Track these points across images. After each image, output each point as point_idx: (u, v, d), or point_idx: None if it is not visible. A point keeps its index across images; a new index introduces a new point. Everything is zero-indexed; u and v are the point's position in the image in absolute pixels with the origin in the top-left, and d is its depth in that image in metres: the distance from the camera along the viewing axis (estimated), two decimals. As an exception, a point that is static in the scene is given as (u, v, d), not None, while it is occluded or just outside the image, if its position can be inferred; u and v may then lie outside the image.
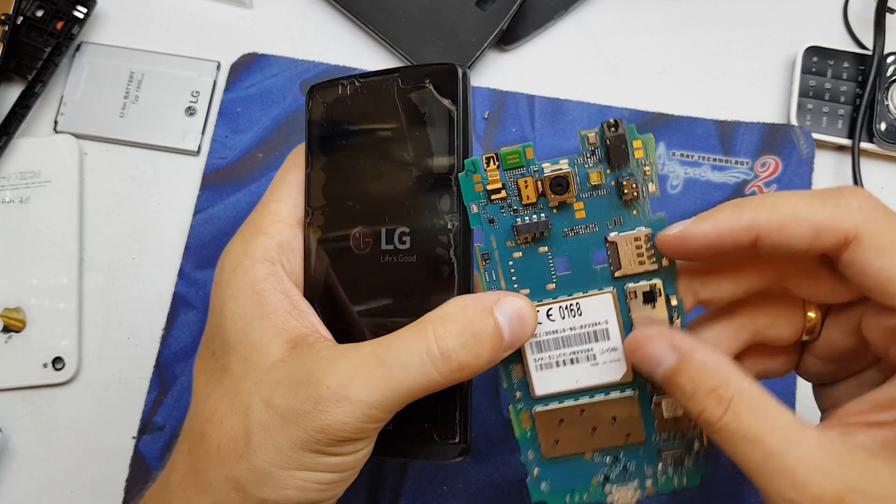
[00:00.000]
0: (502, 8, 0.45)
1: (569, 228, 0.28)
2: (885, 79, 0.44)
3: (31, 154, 0.45)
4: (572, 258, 0.28)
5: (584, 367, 0.28)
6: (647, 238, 0.27)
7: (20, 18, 0.45)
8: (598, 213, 0.27)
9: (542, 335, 0.28)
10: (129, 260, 0.44)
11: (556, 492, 0.30)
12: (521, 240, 0.28)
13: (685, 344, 0.25)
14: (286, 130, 0.45)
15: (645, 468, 0.29)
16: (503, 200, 0.28)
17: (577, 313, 0.28)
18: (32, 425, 0.42)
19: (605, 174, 0.27)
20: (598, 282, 0.28)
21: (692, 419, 0.26)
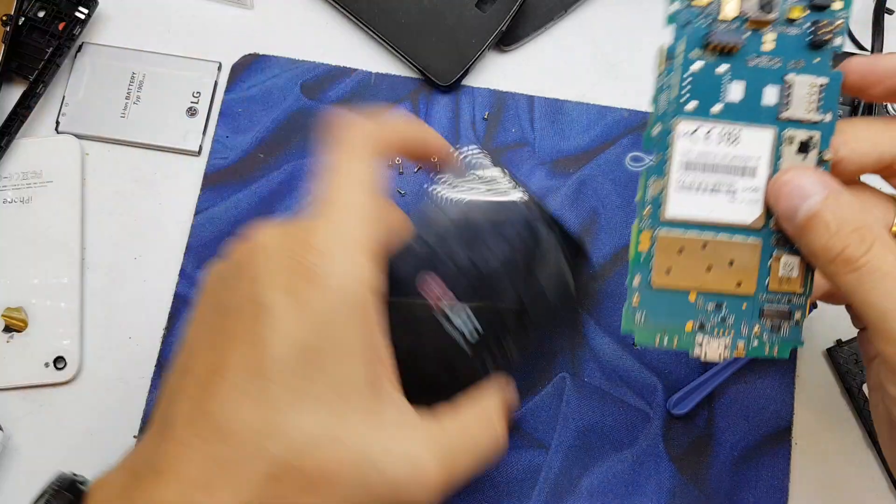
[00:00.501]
0: (502, 9, 0.45)
1: (754, 56, 0.28)
2: (884, 79, 0.44)
3: (33, 154, 0.45)
4: (748, 86, 0.28)
5: (721, 199, 0.28)
6: (822, 88, 0.28)
7: (22, 19, 0.45)
8: (785, 49, 0.28)
9: (694, 154, 0.28)
10: (130, 260, 0.44)
11: (649, 327, 0.29)
12: (709, 52, 0.28)
13: (834, 184, 0.26)
14: (287, 131, 0.45)
15: (742, 325, 0.29)
16: (703, 8, 0.28)
17: (734, 142, 0.28)
18: (33, 425, 0.42)
19: (805, 12, 0.28)
20: (763, 118, 0.28)
21: (827, 261, 0.26)
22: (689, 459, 0.39)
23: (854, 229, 0.25)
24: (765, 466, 0.39)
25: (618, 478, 0.39)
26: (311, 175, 0.45)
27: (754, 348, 0.29)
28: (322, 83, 0.46)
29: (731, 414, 0.40)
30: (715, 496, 0.39)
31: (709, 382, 0.40)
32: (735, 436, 0.40)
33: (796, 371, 0.41)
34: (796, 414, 0.40)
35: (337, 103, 0.46)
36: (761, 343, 0.29)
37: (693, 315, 0.29)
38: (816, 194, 0.26)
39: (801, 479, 0.40)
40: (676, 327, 0.29)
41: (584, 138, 0.45)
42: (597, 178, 0.44)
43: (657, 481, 0.39)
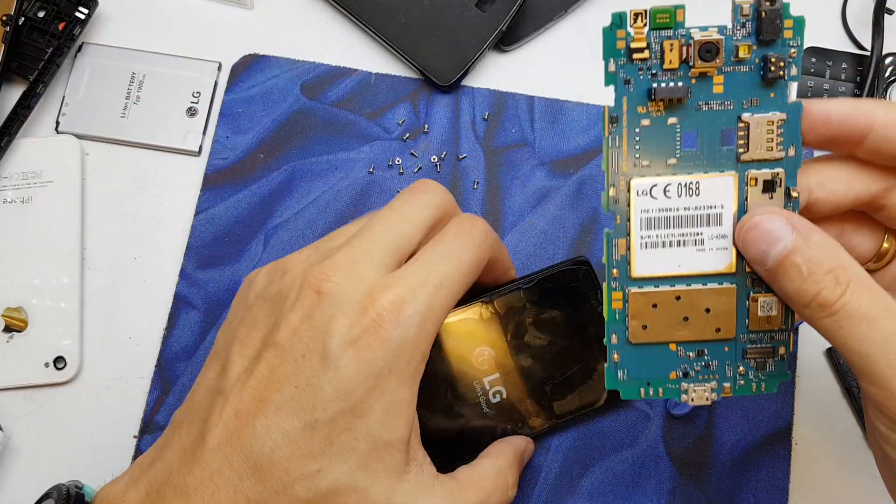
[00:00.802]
0: (502, 9, 0.45)
1: (704, 102, 0.27)
2: (884, 79, 0.44)
3: (33, 154, 0.45)
4: (701, 134, 0.27)
5: (689, 251, 0.27)
6: (781, 123, 0.26)
7: (22, 19, 0.45)
8: (736, 89, 0.26)
9: (654, 211, 0.27)
10: (130, 260, 0.44)
11: (632, 382, 0.29)
12: (655, 106, 0.27)
13: (803, 224, 0.25)
14: (287, 131, 0.45)
15: (727, 368, 0.28)
16: (644, 62, 0.26)
17: (694, 193, 0.27)
18: (34, 425, 0.42)
19: (752, 49, 0.26)
20: (722, 163, 0.27)
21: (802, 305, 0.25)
22: (690, 460, 0.39)
23: (828, 271, 0.24)
24: (765, 467, 0.39)
25: (618, 478, 0.39)
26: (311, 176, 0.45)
27: (741, 387, 0.29)
28: (322, 83, 0.46)
29: (730, 414, 0.40)
30: (715, 496, 0.39)
31: (709, 383, 0.40)
32: (735, 436, 0.40)
33: (796, 371, 0.41)
34: (796, 414, 0.40)
35: (337, 103, 0.46)
36: (748, 381, 0.29)
37: (675, 365, 0.29)
38: (785, 238, 0.25)
39: (801, 480, 0.40)
40: (660, 378, 0.29)
41: (584, 138, 0.45)
42: (597, 178, 0.44)
43: (657, 481, 0.39)
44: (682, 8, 0.26)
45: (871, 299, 0.24)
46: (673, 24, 0.26)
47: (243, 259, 0.43)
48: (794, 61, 0.26)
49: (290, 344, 0.28)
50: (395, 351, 0.27)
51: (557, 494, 0.39)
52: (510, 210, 0.44)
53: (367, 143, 0.45)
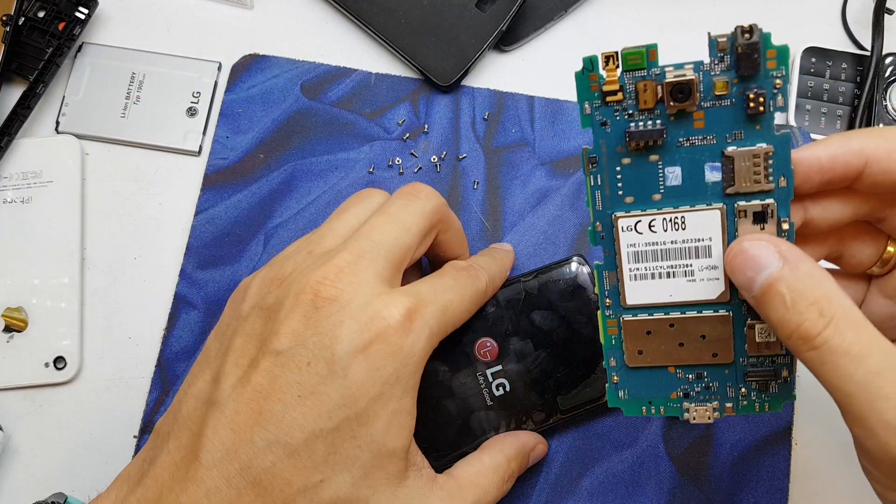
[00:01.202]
0: (502, 9, 0.45)
1: (684, 138, 0.26)
2: (884, 79, 0.44)
3: (33, 154, 0.45)
4: (684, 169, 0.26)
5: (679, 281, 0.27)
6: (768, 155, 0.25)
7: (22, 19, 0.45)
8: (718, 124, 0.26)
9: (641, 245, 0.27)
10: (130, 260, 0.44)
11: (633, 401, 0.29)
12: (633, 146, 0.26)
13: (792, 252, 0.25)
14: (287, 131, 0.45)
15: (728, 389, 0.28)
16: (619, 103, 0.26)
17: (680, 227, 0.27)
18: (33, 425, 0.42)
19: (731, 84, 0.25)
20: (708, 197, 0.26)
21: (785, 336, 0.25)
22: (690, 459, 0.39)
23: (812, 302, 0.23)
24: (765, 467, 0.39)
25: (618, 478, 0.39)
26: (311, 176, 0.45)
27: (744, 407, 0.29)
28: (322, 83, 0.46)
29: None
30: (715, 496, 0.39)
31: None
32: (735, 436, 0.40)
33: (797, 371, 0.41)
34: (796, 414, 0.40)
35: (337, 103, 0.46)
36: (751, 402, 0.28)
37: (675, 386, 0.29)
38: (771, 265, 0.24)
39: (801, 480, 0.40)
40: (661, 398, 0.29)
41: (584, 138, 0.45)
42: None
43: (657, 481, 0.39)
44: (654, 48, 0.26)
45: (856, 335, 0.23)
46: (645, 65, 0.26)
47: (243, 259, 0.43)
48: (780, 91, 0.25)
49: (293, 351, 0.27)
50: (404, 360, 0.27)
51: (557, 494, 0.39)
52: (510, 210, 0.44)
53: (367, 143, 0.45)
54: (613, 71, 0.26)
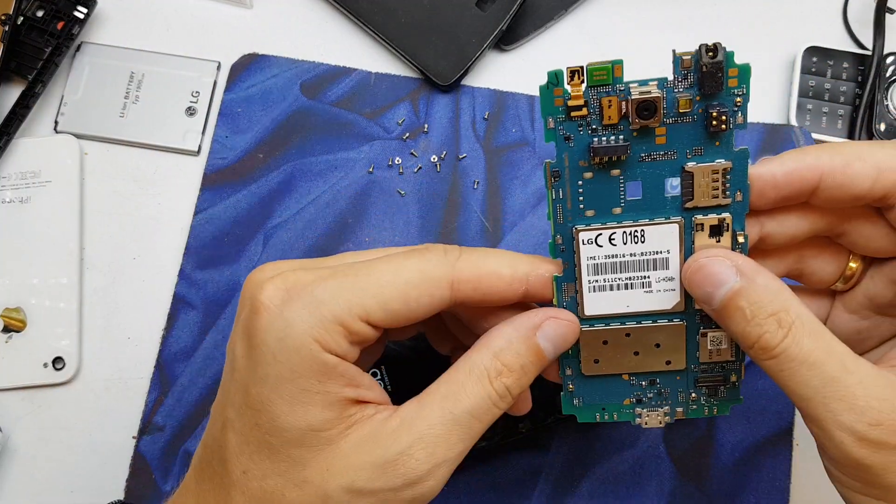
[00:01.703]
0: (502, 8, 0.45)
1: (646, 154, 0.26)
2: (885, 79, 0.44)
3: (32, 154, 0.45)
4: (644, 183, 0.27)
5: (637, 293, 0.28)
6: (726, 171, 0.26)
7: (20, 18, 0.45)
8: (679, 140, 0.26)
9: (600, 258, 0.28)
10: (129, 260, 0.44)
11: (587, 408, 0.30)
12: (596, 161, 0.26)
13: (748, 266, 0.25)
14: (286, 131, 0.45)
15: (679, 394, 0.29)
16: (583, 119, 0.26)
17: (639, 240, 0.27)
18: (32, 425, 0.41)
19: (694, 101, 0.26)
20: (667, 210, 0.27)
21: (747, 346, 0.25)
22: (690, 460, 0.39)
23: (770, 314, 0.24)
24: (766, 467, 0.39)
25: (619, 479, 0.39)
26: (311, 175, 0.44)
27: (693, 410, 0.30)
28: (322, 83, 0.46)
29: (731, 415, 0.40)
30: (716, 497, 0.39)
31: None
32: (736, 437, 0.40)
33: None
34: (797, 414, 0.40)
35: (337, 103, 0.46)
36: (700, 406, 0.29)
37: (628, 393, 0.30)
38: (729, 280, 0.25)
39: (802, 480, 0.40)
40: (615, 405, 0.30)
41: (584, 138, 0.45)
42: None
43: (658, 482, 0.39)
44: (619, 64, 0.26)
45: (813, 342, 0.24)
46: (610, 81, 0.26)
47: (242, 259, 0.43)
48: (740, 109, 0.26)
49: (226, 360, 0.28)
50: (278, 337, 0.26)
51: (558, 495, 0.39)
52: (510, 210, 0.44)
53: (367, 143, 0.45)
54: (578, 86, 0.26)
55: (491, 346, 0.27)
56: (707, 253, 0.26)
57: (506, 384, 0.27)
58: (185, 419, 0.41)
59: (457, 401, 0.26)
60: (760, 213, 0.27)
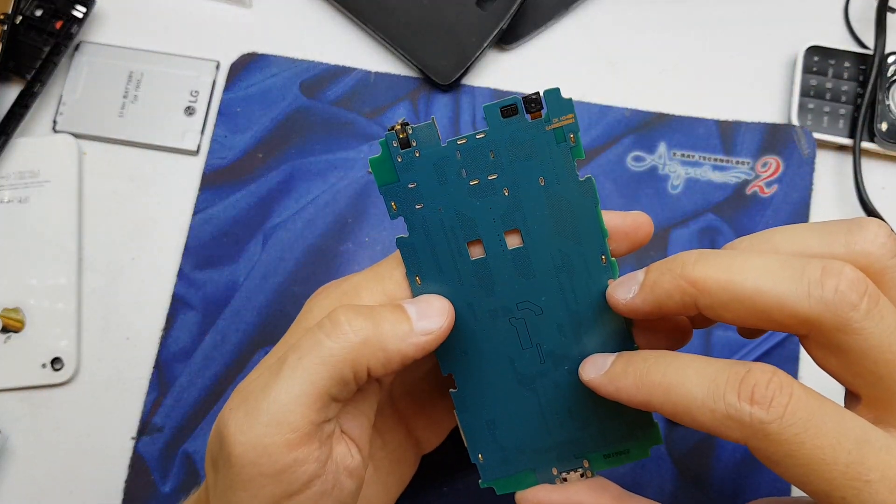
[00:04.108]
0: (502, 7, 0.45)
1: None
2: (887, 78, 0.44)
3: (30, 154, 0.44)
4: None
5: None
6: None
7: (19, 18, 0.45)
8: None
9: None
10: (128, 260, 0.44)
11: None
12: None
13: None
14: (286, 130, 0.45)
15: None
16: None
17: None
18: (31, 426, 0.41)
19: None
20: None
21: None
22: (692, 462, 0.39)
23: None
24: (767, 469, 0.39)
25: (619, 480, 0.39)
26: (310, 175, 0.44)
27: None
28: (321, 82, 0.46)
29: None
30: (717, 499, 0.39)
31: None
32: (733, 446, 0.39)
33: (798, 372, 0.41)
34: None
35: (336, 102, 0.46)
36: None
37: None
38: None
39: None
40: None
41: (584, 138, 0.45)
42: (598, 177, 0.44)
43: (659, 484, 0.39)
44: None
45: None
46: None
47: (242, 259, 0.43)
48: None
49: None
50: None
51: (558, 496, 0.39)
52: (510, 210, 0.43)
53: (367, 143, 0.45)
54: None
55: None
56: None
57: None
58: (184, 420, 0.41)
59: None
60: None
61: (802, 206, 0.43)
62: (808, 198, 0.43)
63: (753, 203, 0.43)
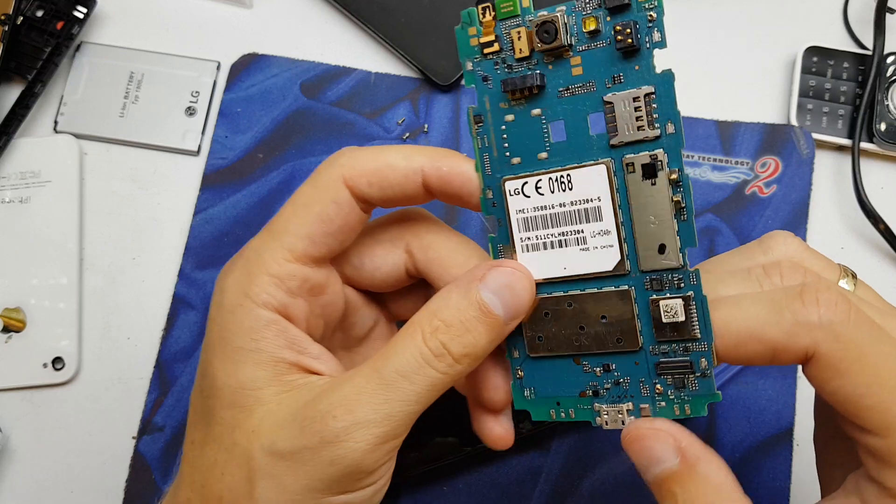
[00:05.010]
0: (502, 8, 0.45)
1: (564, 87, 0.24)
2: (885, 79, 0.44)
3: (31, 154, 0.45)
4: (567, 122, 0.24)
5: (573, 251, 0.25)
6: (650, 98, 0.23)
7: (20, 18, 0.45)
8: (596, 68, 0.24)
9: (529, 211, 0.25)
10: (129, 260, 0.44)
11: (540, 401, 0.26)
12: (513, 98, 0.25)
13: (691, 449, 0.23)
14: (286, 131, 0.45)
15: (641, 385, 0.25)
16: (497, 55, 0.25)
17: (567, 187, 0.25)
18: (32, 425, 0.41)
19: (603, 21, 0.23)
20: (594, 151, 0.24)
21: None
22: (690, 461, 0.39)
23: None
24: (766, 468, 0.39)
25: (619, 479, 0.39)
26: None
27: (662, 409, 0.25)
28: (321, 83, 0.46)
29: (732, 415, 0.40)
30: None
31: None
32: (736, 437, 0.40)
33: (798, 372, 0.41)
34: (798, 415, 0.40)
35: (336, 103, 0.46)
36: (669, 403, 0.25)
37: (583, 382, 0.26)
38: (667, 461, 0.23)
39: (802, 481, 0.39)
40: (570, 398, 0.26)
41: (584, 138, 0.45)
42: (597, 177, 0.44)
43: (658, 483, 0.39)
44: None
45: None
46: (518, 12, 0.24)
47: (242, 259, 0.43)
48: (655, 25, 0.23)
49: None
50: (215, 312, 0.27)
51: (558, 496, 0.39)
52: (510, 210, 0.44)
53: (367, 143, 0.45)
54: (490, 22, 0.25)
55: (430, 304, 0.25)
56: (651, 423, 0.24)
57: (442, 340, 0.24)
58: (185, 419, 0.41)
59: (386, 359, 0.24)
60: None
61: (801, 206, 0.43)
62: (807, 198, 0.43)
63: (753, 203, 0.43)
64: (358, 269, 0.29)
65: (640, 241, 0.24)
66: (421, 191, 0.26)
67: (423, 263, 0.28)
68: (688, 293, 0.24)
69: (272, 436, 0.24)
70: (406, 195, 0.26)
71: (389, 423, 0.24)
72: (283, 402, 0.25)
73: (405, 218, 0.29)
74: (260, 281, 0.26)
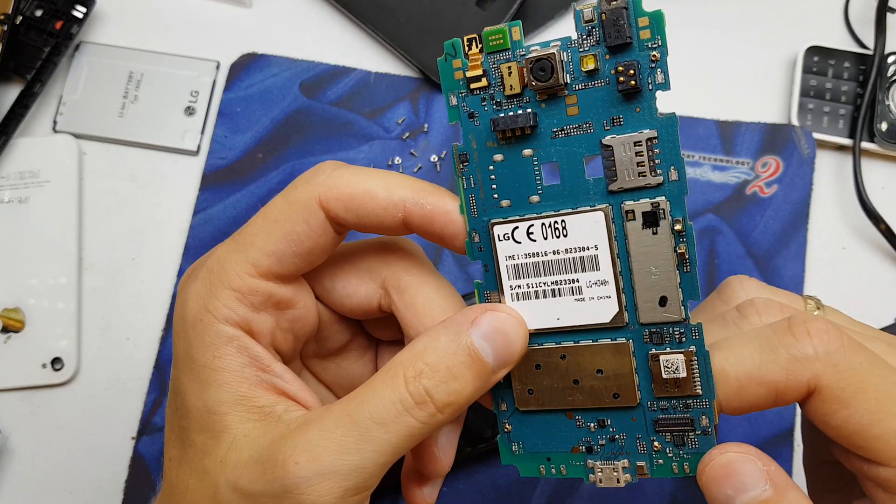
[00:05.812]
0: (502, 7, 0.45)
1: (558, 128, 0.23)
2: (886, 79, 0.44)
3: (30, 154, 0.45)
4: (562, 165, 0.23)
5: (567, 301, 0.24)
6: (652, 142, 0.22)
7: (19, 18, 0.45)
8: (593, 108, 0.22)
9: (520, 257, 0.24)
10: (128, 260, 0.44)
11: (529, 457, 0.25)
12: (502, 137, 0.23)
13: (779, 477, 0.22)
14: (286, 130, 0.45)
15: (637, 442, 0.24)
16: (484, 90, 0.23)
17: (561, 234, 0.23)
18: (31, 426, 0.41)
19: (602, 59, 0.22)
20: (591, 196, 0.23)
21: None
22: (691, 461, 0.39)
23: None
24: (767, 468, 0.39)
25: (619, 480, 0.39)
26: (310, 175, 0.44)
27: (659, 467, 0.24)
28: (321, 82, 0.46)
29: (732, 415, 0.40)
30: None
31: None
32: (737, 438, 0.39)
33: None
34: (798, 416, 0.40)
35: (336, 103, 0.46)
36: (668, 461, 0.24)
37: (576, 438, 0.24)
38: (756, 488, 0.22)
39: (802, 481, 0.39)
40: (561, 453, 0.25)
41: (584, 138, 0.45)
42: (597, 177, 0.44)
43: (658, 483, 0.39)
44: (517, 26, 0.23)
45: None
46: (509, 45, 0.23)
47: (242, 259, 0.43)
48: (658, 65, 0.22)
49: None
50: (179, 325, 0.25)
51: (558, 495, 0.39)
52: (510, 210, 0.43)
53: (367, 143, 0.45)
54: (477, 55, 0.23)
55: (416, 344, 0.23)
56: (736, 447, 0.23)
57: (426, 386, 0.22)
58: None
59: (361, 402, 0.22)
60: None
61: (802, 205, 0.43)
62: (807, 198, 0.43)
63: (753, 203, 0.43)
64: (329, 292, 0.27)
65: (640, 292, 0.23)
66: (400, 225, 0.25)
67: (397, 305, 0.26)
68: (690, 348, 0.23)
69: (236, 472, 0.23)
70: (383, 227, 0.25)
71: (358, 475, 0.22)
72: (249, 434, 0.23)
73: (387, 249, 0.27)
74: (221, 295, 0.24)
